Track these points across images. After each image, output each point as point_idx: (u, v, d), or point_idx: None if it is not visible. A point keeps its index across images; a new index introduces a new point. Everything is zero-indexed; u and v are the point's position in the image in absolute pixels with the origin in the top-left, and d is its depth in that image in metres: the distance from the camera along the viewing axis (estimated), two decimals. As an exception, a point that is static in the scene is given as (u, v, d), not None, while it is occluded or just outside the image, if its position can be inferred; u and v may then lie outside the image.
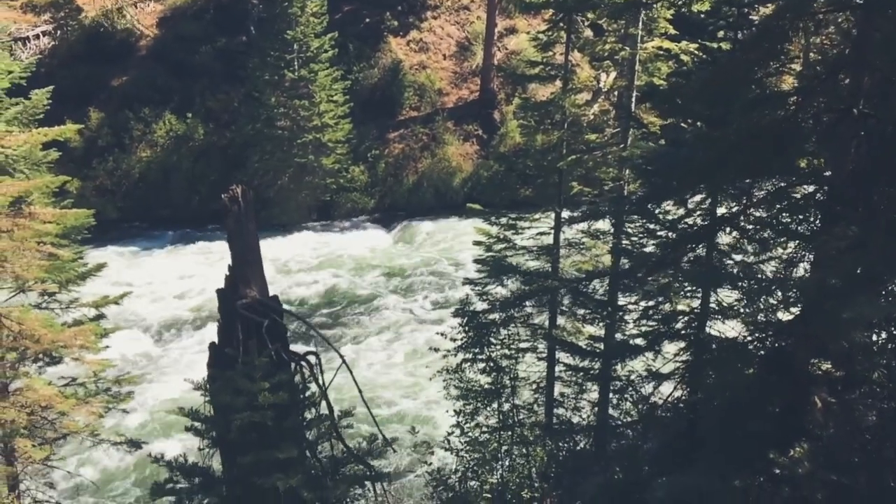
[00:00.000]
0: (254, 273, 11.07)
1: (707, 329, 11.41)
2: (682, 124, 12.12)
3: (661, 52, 14.82)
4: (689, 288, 11.58)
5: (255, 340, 9.43)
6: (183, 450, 10.27)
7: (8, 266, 11.67)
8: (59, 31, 36.18)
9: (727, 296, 11.26)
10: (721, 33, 11.90)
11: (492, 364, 16.02)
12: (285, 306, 11.33)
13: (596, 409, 16.22)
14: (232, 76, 35.46)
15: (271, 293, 11.14)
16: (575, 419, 16.38)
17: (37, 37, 35.14)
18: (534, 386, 16.88)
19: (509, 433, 15.77)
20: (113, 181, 34.06)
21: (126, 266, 29.42)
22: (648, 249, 12.32)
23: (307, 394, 10.21)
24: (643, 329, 12.56)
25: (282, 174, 33.35)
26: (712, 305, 11.39)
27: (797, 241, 9.18)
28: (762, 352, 9.55)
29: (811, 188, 9.13)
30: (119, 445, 14.89)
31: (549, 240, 16.40)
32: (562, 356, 16.42)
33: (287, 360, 10.24)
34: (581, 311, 16.12)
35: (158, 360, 24.19)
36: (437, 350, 16.39)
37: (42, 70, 23.11)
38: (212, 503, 8.95)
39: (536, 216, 16.44)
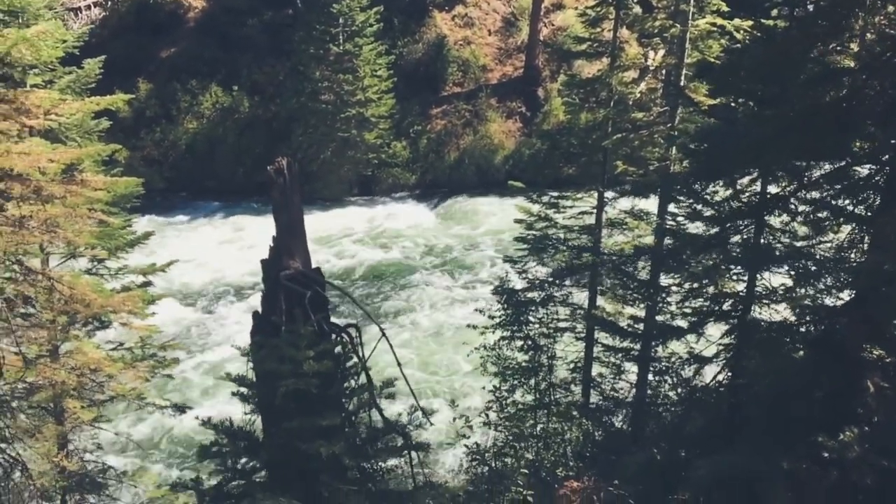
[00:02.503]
0: (297, 245, 11.18)
1: (752, 312, 11.24)
2: (733, 103, 11.88)
3: (714, 29, 14.50)
4: (735, 270, 11.41)
5: (300, 310, 9.56)
6: (224, 415, 10.50)
7: (60, 231, 11.93)
8: (109, 2, 36.67)
9: (775, 279, 11.07)
10: (775, 11, 11.60)
11: (529, 342, 16.03)
12: (327, 278, 11.44)
13: (634, 390, 16.15)
14: (278, 49, 35.64)
15: (314, 265, 11.27)
16: (612, 400, 16.33)
17: (88, 7, 35.63)
18: (571, 365, 16.85)
19: (545, 411, 15.80)
20: (160, 152, 34.62)
21: (171, 235, 29.98)
22: (693, 230, 12.14)
23: (347, 365, 10.33)
24: (686, 311, 12.43)
25: (325, 148, 33.54)
26: (758, 288, 11.21)
27: (853, 224, 8.96)
28: (811, 335, 9.39)
29: (868, 169, 8.89)
30: (164, 409, 15.26)
31: (592, 219, 16.26)
32: (601, 336, 16.34)
33: (328, 331, 10.36)
34: (622, 292, 16.00)
35: (202, 327, 24.68)
36: (475, 327, 16.44)
37: (93, 40, 23.41)
38: (256, 466, 9.16)
39: (579, 195, 16.29)
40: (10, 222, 10.99)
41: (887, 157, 8.76)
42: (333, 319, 10.93)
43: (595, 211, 16.15)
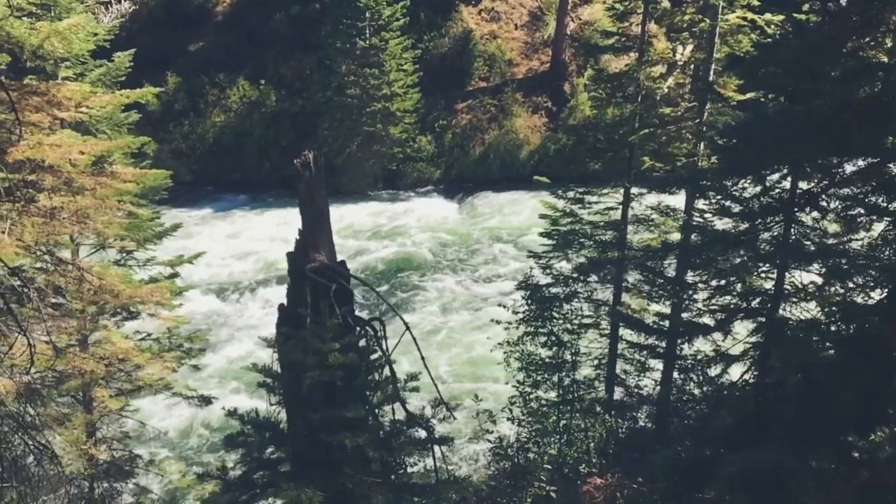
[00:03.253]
0: (323, 238, 11.22)
1: (781, 310, 11.11)
2: (763, 98, 11.74)
3: (745, 24, 14.32)
4: (763, 267, 11.28)
5: (326, 303, 9.61)
6: (249, 406, 10.60)
7: (90, 223, 12.06)
8: (139, -4, 37.07)
9: (804, 276, 10.93)
10: (806, 6, 11.42)
11: (553, 338, 15.99)
12: (351, 272, 11.48)
13: (658, 387, 16.05)
14: (304, 44, 35.77)
15: (339, 258, 11.31)
16: (636, 397, 16.25)
17: (118, 1, 36.05)
18: (595, 362, 16.79)
19: (568, 407, 15.76)
20: (188, 144, 34.92)
21: (198, 228, 30.26)
22: (720, 227, 12.02)
23: (371, 358, 10.37)
24: (713, 308, 12.31)
25: (350, 142, 33.63)
26: (787, 286, 11.07)
27: (886, 221, 8.80)
28: (842, 334, 9.25)
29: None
30: (190, 399, 15.44)
31: (617, 215, 16.16)
32: (625, 333, 16.26)
33: (353, 324, 10.40)
34: (647, 288, 15.91)
35: (227, 318, 24.90)
36: (498, 322, 16.42)
37: (123, 34, 23.65)
38: (281, 457, 9.24)
39: (605, 191, 16.20)
40: (41, 213, 11.13)
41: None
42: (358, 313, 10.97)
43: (621, 207, 16.05)
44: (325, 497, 8.44)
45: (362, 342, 10.17)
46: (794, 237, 10.65)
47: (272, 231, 29.58)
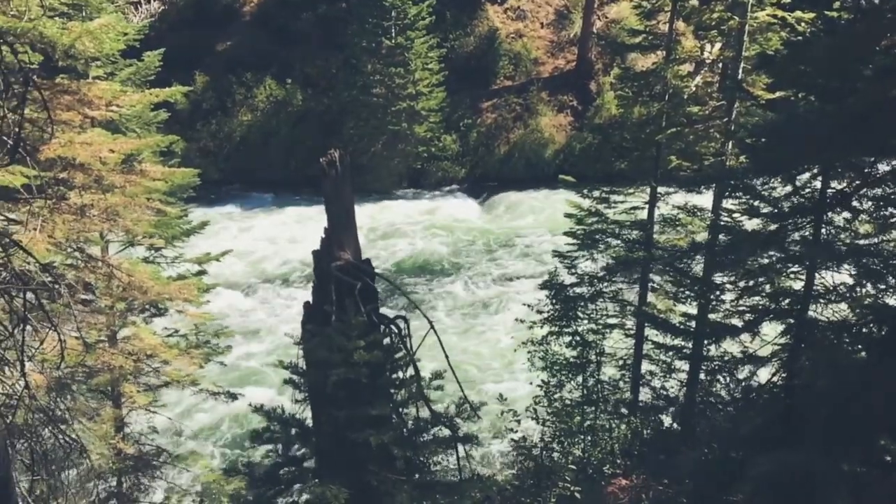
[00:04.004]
0: (348, 236, 11.27)
1: (810, 311, 10.96)
2: (793, 97, 11.58)
3: (775, 21, 14.14)
4: (793, 268, 11.14)
5: (351, 301, 9.65)
6: (274, 402, 10.68)
7: (120, 220, 12.21)
8: (168, -4, 37.48)
9: (835, 277, 10.77)
10: (838, 3, 11.26)
11: (578, 338, 15.91)
12: (376, 270, 11.52)
13: (684, 388, 15.91)
14: (331, 43, 35.94)
15: (363, 257, 11.35)
16: (662, 398, 16.11)
17: (148, 1, 36.47)
18: (620, 362, 16.68)
19: (593, 408, 15.67)
20: (215, 143, 35.24)
21: (225, 226, 30.52)
22: (749, 227, 11.88)
23: (396, 356, 10.39)
24: (741, 309, 12.17)
25: (375, 141, 33.74)
26: (817, 287, 10.92)
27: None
28: (873, 336, 9.10)
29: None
30: (217, 395, 15.57)
31: (643, 215, 16.04)
32: (651, 334, 16.14)
33: (377, 322, 10.44)
34: (674, 289, 15.77)
35: (253, 316, 25.09)
36: (522, 321, 16.38)
37: (152, 34, 23.94)
38: (306, 453, 9.29)
39: (631, 190, 16.08)
40: (72, 210, 11.28)
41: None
42: (382, 311, 11.01)
43: (647, 206, 15.93)
44: (349, 494, 8.48)
45: (387, 340, 10.20)
46: (824, 238, 10.51)
47: (298, 229, 29.76)
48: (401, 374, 10.24)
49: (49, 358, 11.54)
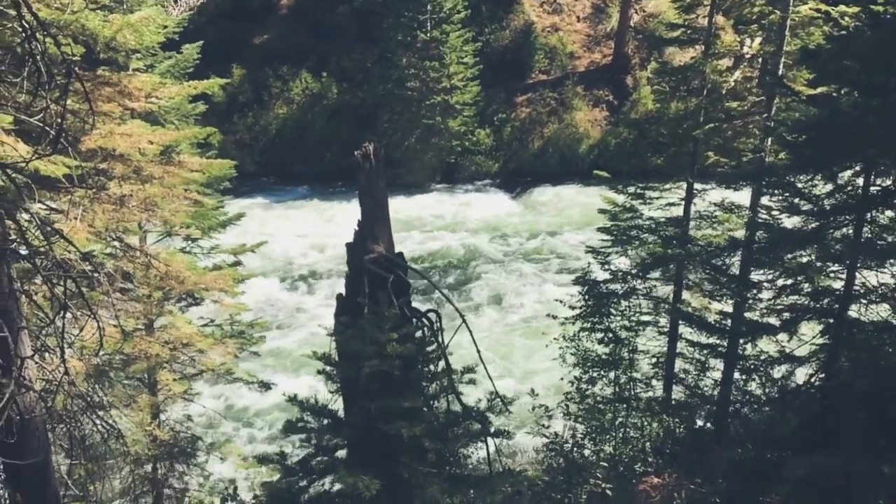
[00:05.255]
0: (382, 229, 11.28)
1: (850, 311, 10.75)
2: (835, 93, 11.35)
3: (818, 16, 13.86)
4: (833, 267, 10.93)
5: (383, 294, 9.68)
6: (308, 393, 10.77)
7: (158, 210, 12.39)
8: (206, -10, 37.83)
9: (876, 277, 10.55)
10: (882, -3, 10.99)
11: (610, 335, 15.78)
12: (409, 263, 11.53)
13: (719, 387, 15.71)
14: (366, 36, 36.05)
15: (397, 250, 11.36)
16: (695, 397, 15.93)
17: (187, -5, 36.85)
18: (653, 360, 16.51)
19: (625, 405, 15.54)
20: (251, 136, 35.59)
21: (260, 217, 30.82)
22: (788, 225, 11.68)
23: (428, 350, 10.40)
24: (778, 307, 11.97)
25: (409, 135, 33.78)
26: (857, 287, 10.70)
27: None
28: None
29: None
30: (251, 385, 15.75)
31: (679, 211, 15.85)
32: (685, 331, 15.95)
33: (410, 315, 10.45)
34: (709, 286, 15.56)
35: (287, 307, 25.33)
36: (554, 317, 16.29)
37: (191, 26, 24.25)
38: (338, 444, 9.36)
39: (666, 186, 15.88)
40: (111, 200, 11.48)
41: None
42: (415, 304, 11.02)
43: (683, 203, 15.73)
44: (380, 485, 8.51)
45: (419, 333, 10.21)
46: (866, 236, 10.29)
47: (332, 222, 29.96)
48: (432, 368, 10.23)
49: (88, 345, 11.76)
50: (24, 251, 9.72)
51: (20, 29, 6.94)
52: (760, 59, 17.40)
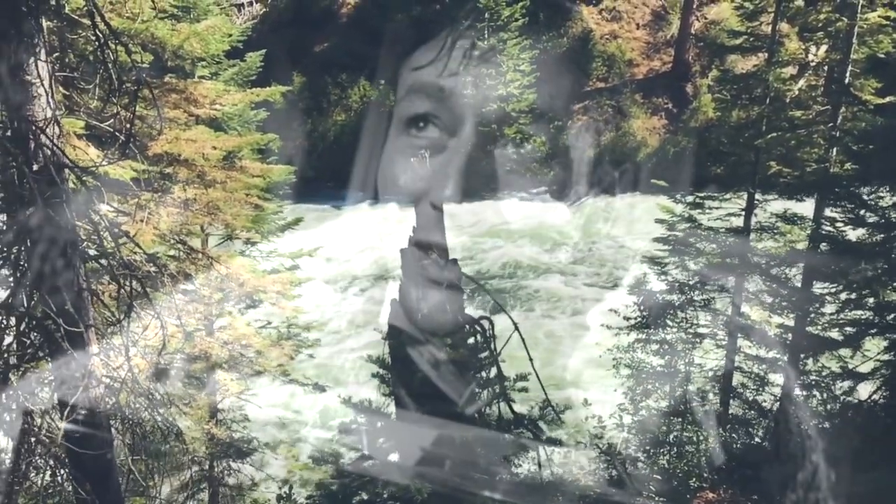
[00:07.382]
0: (436, 236, 11.38)
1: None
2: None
3: (887, 23, 13.48)
4: (900, 281, 10.60)
5: (437, 299, 9.76)
6: (362, 396, 10.90)
7: (220, 214, 12.73)
8: (270, -1, 38.72)
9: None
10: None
11: (666, 346, 15.56)
12: (462, 270, 11.59)
13: (777, 403, 15.34)
14: (424, 44, 36.28)
15: (450, 257, 11.43)
16: (754, 412, 15.59)
17: (250, 3, 37.78)
18: (710, 373, 16.22)
19: (680, 419, 15.29)
20: (310, 142, 36.15)
21: (318, 222, 31.27)
22: (853, 237, 11.37)
23: (480, 356, 10.43)
24: (841, 322, 11.65)
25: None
26: (926, 302, 10.36)
27: None
28: None
29: None
30: (306, 386, 15.97)
31: (739, 221, 15.56)
32: (744, 345, 15.63)
33: (462, 322, 10.50)
34: (770, 299, 15.22)
35: (342, 311, 25.64)
36: (609, 327, 16.13)
37: (254, 35, 24.85)
38: (391, 447, 9.46)
39: (726, 196, 15.61)
40: (176, 204, 11.84)
41: None
42: (467, 311, 11.06)
43: (743, 213, 15.44)
44: (431, 489, 8.58)
45: (472, 340, 10.25)
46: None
47: (387, 228, 30.22)
48: (485, 374, 10.27)
49: (151, 344, 12.09)
50: (92, 252, 10.07)
51: (93, 38, 7.23)
52: (826, 68, 16.99)
